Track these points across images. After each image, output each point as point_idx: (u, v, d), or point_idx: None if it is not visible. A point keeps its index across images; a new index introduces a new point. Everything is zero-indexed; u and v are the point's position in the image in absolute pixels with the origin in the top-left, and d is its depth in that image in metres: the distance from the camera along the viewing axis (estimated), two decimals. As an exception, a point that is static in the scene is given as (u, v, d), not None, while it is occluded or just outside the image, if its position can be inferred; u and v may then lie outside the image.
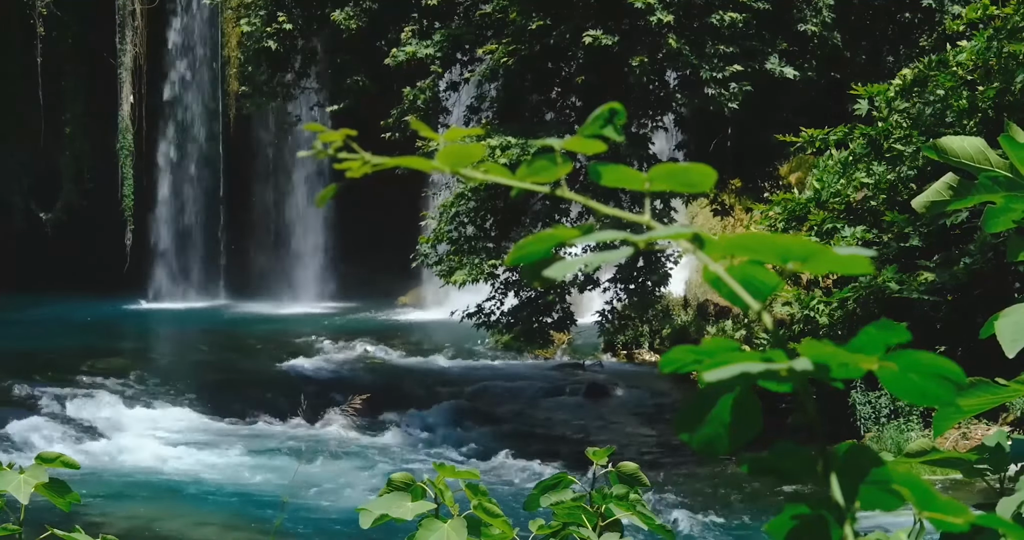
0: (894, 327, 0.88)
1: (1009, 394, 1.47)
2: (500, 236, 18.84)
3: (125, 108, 37.04)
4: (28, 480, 2.42)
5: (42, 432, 18.54)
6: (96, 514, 13.86)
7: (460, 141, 0.99)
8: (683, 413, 0.90)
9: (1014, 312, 1.49)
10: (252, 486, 15.99)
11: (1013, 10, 14.91)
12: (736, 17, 17.43)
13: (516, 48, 18.25)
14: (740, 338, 18.93)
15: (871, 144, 15.82)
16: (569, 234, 0.93)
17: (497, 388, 22.97)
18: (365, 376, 23.67)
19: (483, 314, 19.41)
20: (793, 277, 4.25)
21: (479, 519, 2.31)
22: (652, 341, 25.78)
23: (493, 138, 17.38)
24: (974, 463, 1.62)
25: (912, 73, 15.73)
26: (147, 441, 18.41)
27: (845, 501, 0.88)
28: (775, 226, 16.00)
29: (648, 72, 17.89)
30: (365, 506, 2.31)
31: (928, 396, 0.89)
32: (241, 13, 22.63)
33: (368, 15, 19.85)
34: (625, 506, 2.37)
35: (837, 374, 0.89)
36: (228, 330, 30.81)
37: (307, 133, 28.39)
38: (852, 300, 15.35)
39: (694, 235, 0.90)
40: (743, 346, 0.90)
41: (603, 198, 16.79)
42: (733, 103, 17.47)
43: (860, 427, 15.65)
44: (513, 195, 1.03)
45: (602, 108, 0.98)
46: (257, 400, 20.91)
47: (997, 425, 14.89)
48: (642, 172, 0.95)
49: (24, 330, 28.73)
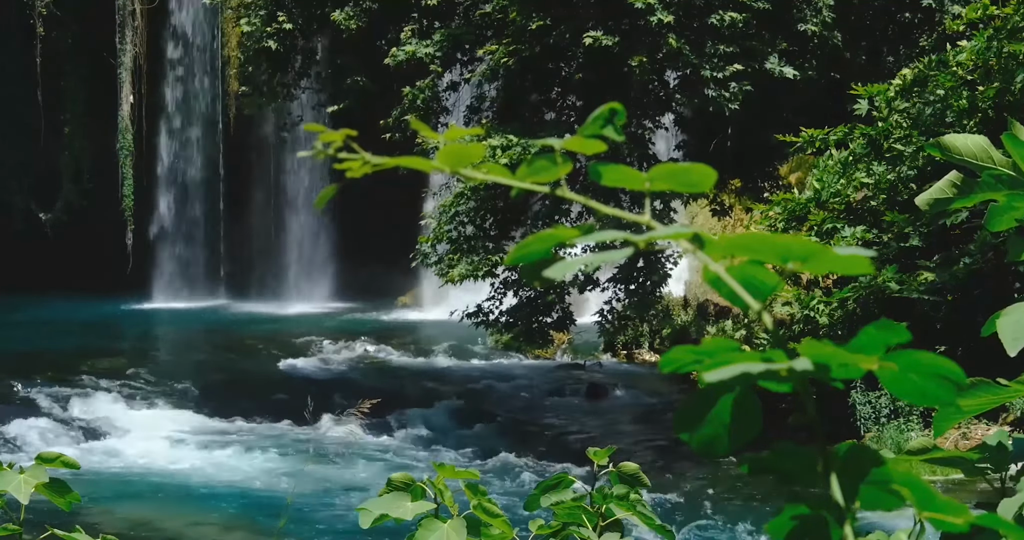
0: (894, 327, 0.88)
1: (1009, 394, 1.47)
2: (500, 236, 18.85)
3: (125, 108, 37.03)
4: (28, 480, 2.42)
5: (42, 432, 18.54)
6: (96, 514, 13.86)
7: (460, 141, 0.99)
8: (683, 413, 0.90)
9: (1015, 311, 1.49)
10: (252, 486, 15.99)
11: (1013, 10, 14.91)
12: (736, 17, 17.43)
13: (516, 48, 18.25)
14: (740, 338, 18.93)
15: (871, 144, 15.82)
16: (569, 234, 0.93)
17: (497, 388, 22.97)
18: (365, 376, 23.67)
19: (482, 314, 19.41)
20: (793, 277, 4.26)
21: (479, 519, 2.31)
22: (652, 341, 25.78)
23: (494, 138, 17.38)
24: (975, 462, 1.62)
25: (912, 73, 15.73)
26: (147, 441, 18.40)
27: (845, 501, 0.88)
28: (775, 226, 16.00)
29: (648, 72, 17.88)
30: (365, 506, 2.31)
31: (928, 396, 0.89)
32: (241, 13, 22.61)
33: (368, 15, 19.85)
34: (626, 506, 2.37)
35: (837, 374, 0.89)
36: (228, 330, 30.81)
37: (307, 133, 28.40)
38: (852, 300, 15.35)
39: (694, 235, 0.90)
40: (743, 346, 0.90)
41: (603, 198, 16.79)
42: (733, 103, 17.47)
43: (860, 427, 15.65)
44: (513, 195, 1.03)
45: (602, 108, 0.98)
46: (257, 400, 20.92)
47: (997, 425, 14.89)
48: (642, 172, 0.95)
49: (24, 330, 28.74)
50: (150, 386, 22.07)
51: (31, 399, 20.54)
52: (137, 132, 37.23)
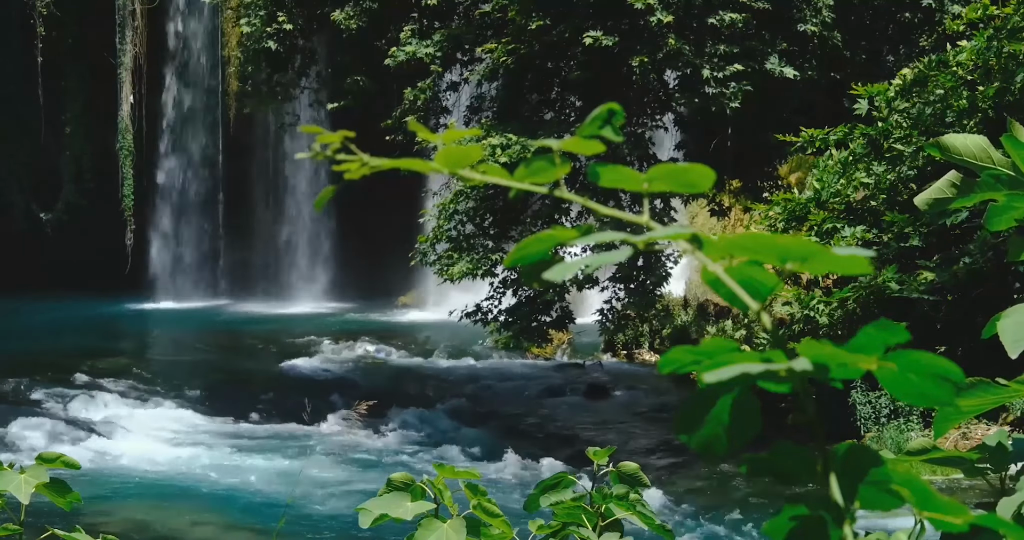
0: (893, 327, 0.88)
1: (1009, 395, 1.47)
2: (499, 234, 18.85)
3: (125, 108, 37.03)
4: (29, 480, 2.42)
5: (42, 432, 18.54)
6: (96, 514, 13.85)
7: (459, 142, 0.99)
8: (682, 413, 0.90)
9: (1016, 312, 1.49)
10: (251, 486, 15.99)
11: (1013, 10, 14.91)
12: (736, 17, 17.43)
13: (516, 48, 18.24)
14: (740, 338, 18.93)
15: (871, 144, 15.81)
16: (568, 235, 0.92)
17: (497, 388, 22.97)
18: (365, 376, 23.67)
19: (482, 313, 19.41)
20: (793, 277, 4.24)
21: (478, 519, 2.31)
22: (652, 341, 25.78)
23: (493, 137, 17.37)
24: (975, 462, 1.62)
25: (912, 73, 15.72)
26: (147, 441, 18.40)
27: (844, 501, 0.88)
28: (775, 226, 15.99)
29: (648, 72, 17.88)
30: (364, 506, 2.31)
31: (927, 397, 0.89)
32: (241, 13, 22.61)
33: (368, 15, 19.84)
34: (625, 506, 2.37)
35: (836, 374, 0.88)
36: (228, 330, 30.82)
37: (307, 133, 28.40)
38: (852, 300, 15.34)
39: (693, 235, 0.90)
40: (743, 346, 0.90)
41: (603, 198, 16.79)
42: (733, 103, 17.47)
43: (860, 427, 15.65)
44: (512, 196, 1.03)
45: (600, 109, 0.98)
46: (257, 400, 20.92)
47: (997, 425, 14.89)
48: (642, 172, 0.95)
49: (24, 330, 28.74)
50: (150, 386, 22.06)
51: (31, 399, 20.53)
52: (137, 132, 37.23)
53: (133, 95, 37.20)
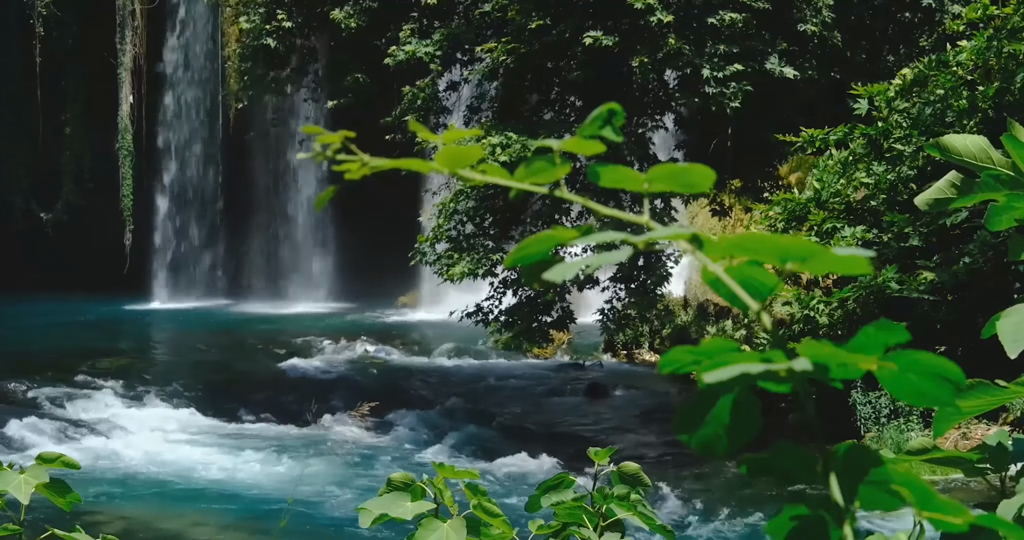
0: (893, 327, 0.88)
1: (1009, 395, 1.47)
2: (499, 235, 18.84)
3: (125, 108, 37.03)
4: (28, 480, 2.42)
5: (42, 432, 18.53)
6: (96, 514, 13.85)
7: (459, 142, 0.99)
8: (682, 414, 0.90)
9: (1016, 312, 1.49)
10: (252, 486, 15.99)
11: (1013, 10, 14.90)
12: (736, 17, 17.42)
13: (516, 47, 18.24)
14: (740, 338, 18.93)
15: (871, 144, 15.81)
16: (568, 235, 0.92)
17: (497, 388, 22.97)
18: (365, 376, 23.67)
19: (482, 313, 19.40)
20: (793, 277, 4.18)
21: (479, 519, 2.31)
22: (652, 341, 25.78)
23: (493, 136, 17.37)
24: (975, 462, 1.62)
25: (912, 73, 15.72)
26: (147, 441, 18.40)
27: (844, 501, 0.88)
28: (775, 226, 15.99)
29: (648, 72, 17.87)
30: (365, 506, 2.31)
31: (927, 397, 0.89)
32: (240, 11, 22.61)
33: (367, 14, 19.84)
34: (626, 506, 2.37)
35: (836, 374, 0.88)
36: (228, 330, 30.82)
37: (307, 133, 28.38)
38: (852, 300, 15.34)
39: (693, 236, 0.90)
40: (743, 346, 0.90)
41: (603, 197, 16.79)
42: (733, 103, 17.46)
43: (860, 427, 15.65)
44: (512, 197, 1.03)
45: (600, 109, 0.98)
46: (257, 400, 20.92)
47: (997, 425, 14.89)
48: (642, 172, 0.95)
49: (24, 330, 28.75)
50: (150, 386, 22.06)
51: (31, 399, 20.53)
52: (137, 132, 37.24)
53: (133, 95, 37.20)
